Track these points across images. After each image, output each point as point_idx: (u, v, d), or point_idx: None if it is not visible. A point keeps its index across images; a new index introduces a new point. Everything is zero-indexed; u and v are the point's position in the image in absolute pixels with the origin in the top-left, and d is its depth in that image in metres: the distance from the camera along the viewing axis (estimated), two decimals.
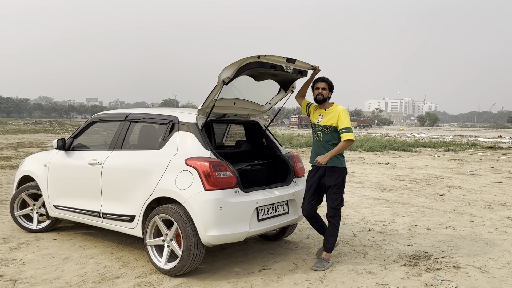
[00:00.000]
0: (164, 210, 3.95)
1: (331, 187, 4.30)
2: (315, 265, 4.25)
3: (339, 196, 4.31)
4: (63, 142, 5.06)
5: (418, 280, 3.99)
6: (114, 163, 4.49)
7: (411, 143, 24.80)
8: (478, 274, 4.20)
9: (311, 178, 4.44)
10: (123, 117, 4.77)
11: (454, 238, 5.44)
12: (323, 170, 4.36)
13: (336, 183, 4.29)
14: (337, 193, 4.30)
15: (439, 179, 10.93)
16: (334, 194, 4.29)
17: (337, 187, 4.29)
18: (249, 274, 4.08)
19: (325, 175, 4.35)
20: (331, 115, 4.31)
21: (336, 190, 4.29)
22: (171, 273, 3.93)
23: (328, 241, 4.35)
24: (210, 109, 4.19)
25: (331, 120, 4.29)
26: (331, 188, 4.30)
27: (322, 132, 4.35)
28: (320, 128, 4.36)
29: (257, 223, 4.08)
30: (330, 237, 4.35)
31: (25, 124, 49.93)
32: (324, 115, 4.36)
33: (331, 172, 4.32)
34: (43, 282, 3.78)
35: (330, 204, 4.32)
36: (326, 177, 4.33)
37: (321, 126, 4.35)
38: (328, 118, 4.31)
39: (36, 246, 4.81)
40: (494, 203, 7.78)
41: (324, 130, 4.33)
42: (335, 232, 4.35)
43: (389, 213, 6.85)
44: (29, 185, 5.37)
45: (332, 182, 4.30)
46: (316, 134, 4.43)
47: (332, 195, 4.30)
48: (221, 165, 3.92)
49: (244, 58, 3.87)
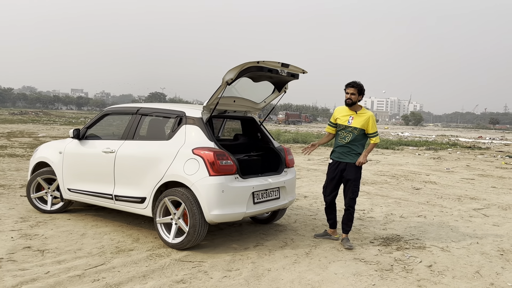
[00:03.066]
0: (173, 192, 4.57)
1: (351, 180, 4.96)
2: (347, 244, 4.92)
3: (357, 188, 5.01)
4: (78, 132, 5.60)
5: (389, 256, 4.69)
6: (126, 151, 5.07)
7: (394, 141, 25.72)
8: (440, 252, 4.92)
9: (333, 171, 5.06)
10: (134, 111, 5.34)
11: (424, 225, 6.17)
12: (344, 165, 5.00)
13: (356, 176, 4.97)
14: (356, 186, 4.99)
15: (417, 175, 11.72)
16: (353, 186, 4.97)
17: (357, 180, 4.98)
18: (245, 249, 4.73)
19: (345, 169, 4.99)
20: (362, 118, 4.92)
21: (355, 183, 4.97)
22: (178, 247, 4.55)
23: (348, 225, 5.04)
24: (214, 106, 4.80)
25: (361, 123, 4.90)
26: (351, 181, 4.97)
27: (352, 133, 4.94)
28: (351, 129, 4.93)
29: (253, 205, 4.73)
30: (349, 221, 5.04)
31: (11, 114, 49.56)
32: (355, 117, 4.95)
33: (352, 167, 4.97)
34: (68, 252, 4.37)
35: (350, 195, 4.99)
36: (347, 171, 4.97)
37: (352, 128, 4.93)
38: (359, 121, 4.92)
39: (53, 224, 5.37)
40: (464, 197, 8.57)
41: (354, 131, 4.93)
42: (352, 218, 5.06)
43: (368, 203, 7.56)
44: (45, 170, 5.91)
45: (352, 176, 4.96)
46: (345, 133, 4.98)
47: (352, 187, 4.97)
48: (223, 154, 4.55)
49: (245, 63, 4.49)
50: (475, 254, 4.90)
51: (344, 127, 5.01)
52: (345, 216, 5.07)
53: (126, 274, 3.86)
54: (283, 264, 4.30)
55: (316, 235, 5.31)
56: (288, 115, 78.25)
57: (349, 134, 4.97)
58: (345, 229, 5.08)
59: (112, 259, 4.22)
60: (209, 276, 3.93)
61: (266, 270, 4.12)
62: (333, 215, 5.24)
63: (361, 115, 4.97)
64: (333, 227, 5.28)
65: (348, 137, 4.97)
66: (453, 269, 4.38)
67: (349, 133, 4.97)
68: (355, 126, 4.94)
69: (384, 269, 4.29)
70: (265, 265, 4.27)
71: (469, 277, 4.19)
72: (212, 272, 4.02)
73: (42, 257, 4.22)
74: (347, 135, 4.98)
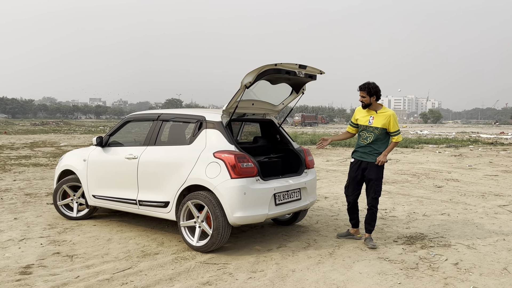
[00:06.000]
0: (196, 196, 4.63)
1: (373, 180, 4.95)
2: (371, 244, 4.90)
3: (379, 187, 5.00)
4: (101, 140, 5.73)
5: (414, 255, 4.65)
6: (149, 157, 5.16)
7: (414, 140, 25.42)
8: (466, 250, 4.85)
9: (356, 170, 5.05)
10: (155, 117, 5.44)
11: (448, 223, 6.09)
12: (366, 164, 4.99)
13: (378, 176, 4.96)
14: (378, 185, 4.98)
15: (439, 173, 11.57)
16: (376, 186, 4.96)
17: (379, 179, 4.97)
18: (268, 251, 4.76)
19: (367, 168, 4.98)
20: (383, 117, 4.92)
21: (377, 182, 4.96)
22: (202, 250, 4.61)
23: (371, 225, 5.03)
24: (233, 109, 4.86)
25: (382, 122, 4.89)
26: (373, 181, 4.95)
27: (373, 133, 4.93)
28: (372, 129, 4.93)
29: (275, 207, 4.76)
30: (372, 221, 5.03)
31: (32, 125, 50.83)
32: (376, 117, 4.95)
33: (373, 167, 4.96)
34: (96, 257, 4.47)
35: (373, 195, 4.97)
36: (369, 171, 4.96)
37: (373, 128, 4.92)
38: (380, 120, 4.91)
39: (80, 230, 5.50)
40: (488, 194, 8.42)
41: (376, 131, 4.92)
42: (376, 217, 5.05)
43: (390, 202, 7.50)
44: (70, 177, 6.07)
45: (374, 175, 4.95)
46: (367, 134, 4.97)
47: (374, 187, 4.95)
48: (244, 157, 4.59)
49: (263, 66, 4.54)
50: (502, 251, 4.82)
51: (365, 127, 5.00)
52: (368, 216, 5.05)
53: (153, 277, 3.94)
54: (307, 265, 4.32)
55: (339, 235, 5.31)
56: (305, 117, 78.03)
57: (371, 134, 4.96)
58: (368, 228, 5.06)
59: (138, 263, 4.31)
60: (234, 277, 3.97)
61: (290, 271, 4.14)
62: (356, 214, 5.23)
63: (381, 114, 4.95)
64: (356, 226, 5.26)
65: (370, 137, 4.96)
66: (480, 266, 4.33)
67: (371, 133, 4.96)
68: (376, 126, 4.93)
69: (409, 268, 4.26)
70: (289, 266, 4.29)
71: (496, 274, 4.13)
72: (237, 273, 4.06)
73: (71, 262, 4.33)
74: (369, 135, 4.97)
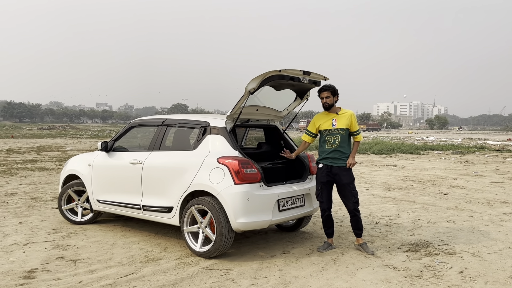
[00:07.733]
0: (200, 201, 4.64)
1: (347, 184, 4.90)
2: (370, 250, 4.89)
3: (355, 189, 4.97)
4: (106, 145, 5.76)
5: (418, 263, 4.62)
6: (153, 162, 5.18)
7: (419, 146, 25.27)
8: (471, 258, 4.81)
9: (326, 175, 4.96)
10: (160, 122, 5.47)
11: (453, 230, 6.05)
12: (337, 169, 4.93)
13: (352, 179, 4.94)
14: (354, 188, 4.95)
15: (444, 179, 11.50)
16: (352, 189, 4.92)
17: (353, 182, 4.95)
18: (271, 257, 4.75)
19: (338, 173, 4.92)
20: (345, 118, 4.93)
21: (352, 185, 4.94)
22: (206, 255, 4.61)
23: (359, 229, 5.00)
24: (237, 115, 4.87)
25: (346, 122, 4.90)
26: (347, 185, 4.90)
27: (339, 135, 4.91)
28: (337, 131, 4.91)
29: (278, 213, 4.75)
30: (360, 225, 5.00)
31: (39, 129, 51.23)
32: (338, 118, 4.95)
33: (344, 171, 4.92)
34: (99, 262, 4.48)
35: (352, 199, 4.92)
36: (341, 176, 4.90)
37: (338, 129, 4.90)
38: (343, 121, 4.92)
39: (84, 235, 5.51)
40: (494, 201, 8.35)
41: (341, 132, 4.91)
42: (361, 220, 5.04)
43: (395, 209, 7.46)
44: (75, 182, 6.10)
45: (347, 179, 4.91)
46: (333, 137, 4.92)
47: (351, 190, 4.91)
48: (248, 163, 4.60)
49: (267, 72, 4.55)
50: (508, 259, 4.77)
51: (329, 131, 4.95)
52: (354, 222, 5.01)
53: (156, 283, 3.94)
54: (310, 272, 4.30)
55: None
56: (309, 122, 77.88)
57: (337, 136, 4.92)
58: (358, 233, 5.01)
59: (141, 268, 4.31)
60: (237, 284, 3.96)
61: (293, 278, 4.13)
62: (332, 223, 5.14)
63: (342, 115, 4.95)
64: (332, 236, 5.18)
65: (337, 140, 4.91)
66: (485, 275, 4.28)
67: (337, 135, 4.92)
68: (340, 127, 4.91)
69: (413, 275, 4.22)
70: (292, 272, 4.27)
71: (502, 283, 4.08)
72: (240, 280, 4.05)
73: (75, 266, 4.34)
74: (336, 138, 4.92)
